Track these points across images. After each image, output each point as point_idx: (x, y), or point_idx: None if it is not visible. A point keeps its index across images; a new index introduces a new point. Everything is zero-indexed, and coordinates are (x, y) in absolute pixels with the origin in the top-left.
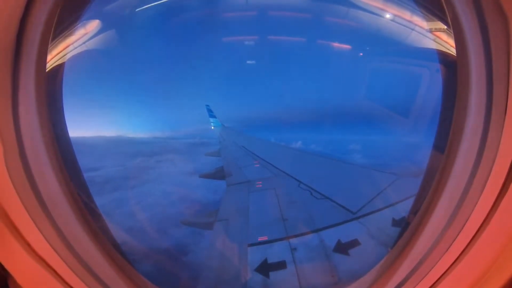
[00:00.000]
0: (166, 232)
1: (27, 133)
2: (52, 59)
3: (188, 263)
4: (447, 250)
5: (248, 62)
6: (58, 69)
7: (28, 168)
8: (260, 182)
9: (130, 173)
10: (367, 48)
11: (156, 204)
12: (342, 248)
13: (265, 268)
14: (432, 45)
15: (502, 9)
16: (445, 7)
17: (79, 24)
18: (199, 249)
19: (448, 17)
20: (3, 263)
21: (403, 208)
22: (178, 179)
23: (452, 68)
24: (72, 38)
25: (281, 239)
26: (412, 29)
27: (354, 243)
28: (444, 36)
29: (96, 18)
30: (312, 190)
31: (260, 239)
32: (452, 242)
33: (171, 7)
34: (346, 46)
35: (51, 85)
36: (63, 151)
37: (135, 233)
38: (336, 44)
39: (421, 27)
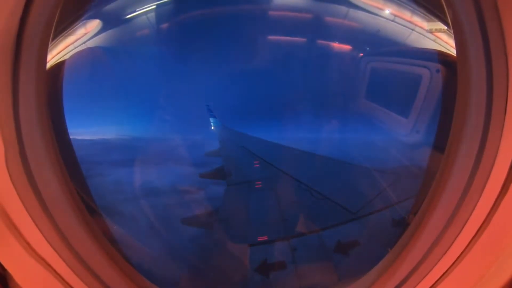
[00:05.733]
0: (165, 231)
1: (27, 133)
2: (53, 59)
3: (186, 262)
4: (447, 250)
5: (248, 61)
6: (59, 69)
7: (28, 168)
8: (260, 182)
9: (128, 172)
10: (367, 48)
11: (156, 203)
12: (342, 248)
13: (264, 268)
14: (432, 45)
15: (498, 9)
16: (445, 7)
17: (80, 24)
18: (198, 248)
19: (448, 17)
20: (3, 263)
21: (403, 208)
22: (178, 179)
23: (452, 68)
24: (73, 37)
25: (281, 239)
26: (412, 30)
27: (354, 244)
28: (444, 37)
29: (97, 18)
30: (312, 190)
31: (260, 239)
32: (452, 242)
33: (171, 6)
34: (346, 46)
35: (51, 85)
36: (63, 151)
37: (133, 232)
38: (335, 44)
39: (421, 27)
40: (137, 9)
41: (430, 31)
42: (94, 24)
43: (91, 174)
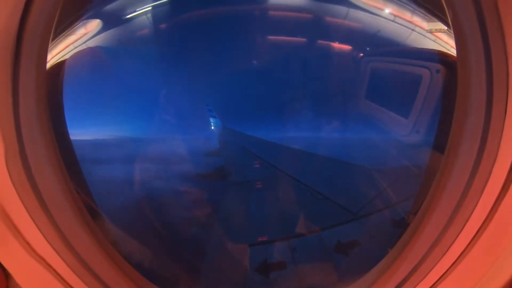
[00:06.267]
0: (165, 231)
1: (27, 133)
2: (53, 59)
3: (186, 262)
4: (447, 250)
5: (249, 61)
6: (59, 69)
7: (28, 168)
8: (260, 182)
9: (128, 173)
10: (367, 48)
11: (155, 203)
12: (342, 248)
13: (264, 268)
14: (432, 45)
15: (498, 9)
16: (445, 7)
17: (80, 24)
18: (198, 248)
19: (448, 17)
20: (3, 263)
21: (403, 208)
22: (178, 179)
23: (452, 68)
24: (73, 37)
25: (281, 239)
26: (412, 30)
27: (354, 244)
28: (444, 37)
29: (97, 18)
30: (312, 190)
31: (260, 239)
32: (452, 242)
33: (171, 6)
34: (346, 46)
35: (51, 85)
36: (63, 151)
37: (133, 233)
38: (336, 44)
39: (421, 27)
40: (137, 9)
41: (430, 31)
42: (94, 24)
43: (90, 173)
